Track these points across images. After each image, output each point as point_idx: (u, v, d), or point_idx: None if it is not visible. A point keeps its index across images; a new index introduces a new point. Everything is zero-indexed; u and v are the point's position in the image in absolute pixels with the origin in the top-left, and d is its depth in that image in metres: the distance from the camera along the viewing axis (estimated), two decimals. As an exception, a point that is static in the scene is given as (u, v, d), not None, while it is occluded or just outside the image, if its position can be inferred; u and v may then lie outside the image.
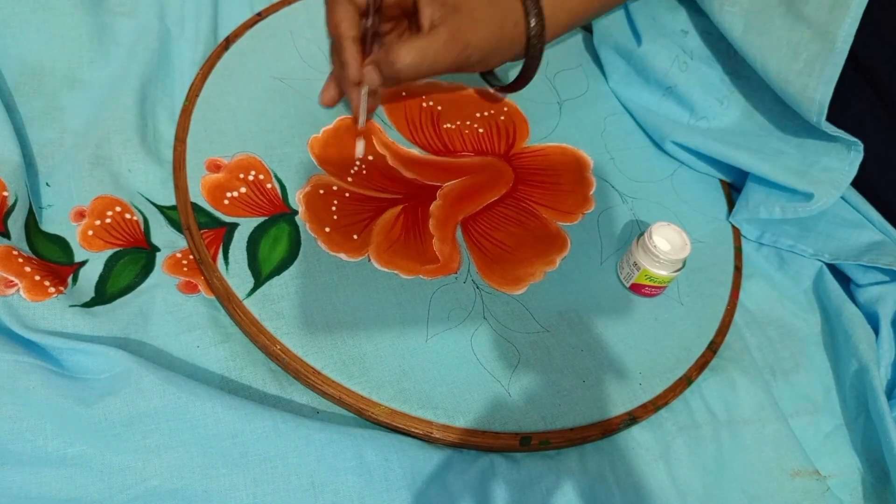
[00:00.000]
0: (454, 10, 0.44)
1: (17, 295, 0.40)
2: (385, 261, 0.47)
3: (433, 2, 0.44)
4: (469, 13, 0.44)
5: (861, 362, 0.49)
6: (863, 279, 0.54)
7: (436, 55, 0.43)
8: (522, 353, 0.46)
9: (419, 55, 0.43)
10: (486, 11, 0.45)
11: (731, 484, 0.45)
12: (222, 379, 0.41)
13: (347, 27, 0.43)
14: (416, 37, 0.43)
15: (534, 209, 0.54)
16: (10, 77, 0.48)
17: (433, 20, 0.44)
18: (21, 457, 0.35)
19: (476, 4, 0.44)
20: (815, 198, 0.52)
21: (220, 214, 0.46)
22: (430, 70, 0.44)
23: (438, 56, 0.43)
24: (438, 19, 0.44)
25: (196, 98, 0.51)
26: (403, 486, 0.38)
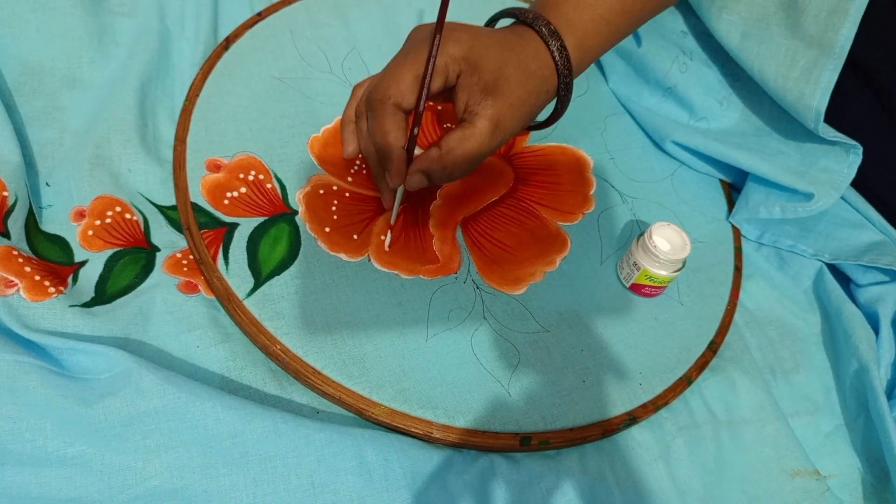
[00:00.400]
0: (493, 97, 0.43)
1: (17, 295, 0.40)
2: (385, 261, 0.47)
3: (471, 88, 0.42)
4: (508, 98, 0.43)
5: (861, 362, 0.49)
6: (863, 279, 0.54)
7: (482, 153, 0.43)
8: (522, 353, 0.46)
9: (468, 158, 0.43)
10: (524, 91, 0.44)
11: (731, 484, 0.45)
12: (222, 379, 0.41)
13: (397, 137, 0.42)
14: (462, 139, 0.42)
15: (534, 209, 0.54)
16: (10, 77, 0.48)
17: (470, 107, 0.43)
18: (21, 457, 0.35)
19: (514, 86, 0.43)
20: (816, 198, 0.52)
21: (220, 214, 0.46)
22: (478, 164, 0.45)
23: (484, 150, 0.43)
24: (477, 106, 0.43)
25: (196, 98, 0.51)
26: (403, 486, 0.38)
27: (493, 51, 0.42)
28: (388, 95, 0.41)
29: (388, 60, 0.57)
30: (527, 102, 0.44)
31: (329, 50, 0.57)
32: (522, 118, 0.45)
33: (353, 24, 0.59)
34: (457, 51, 0.41)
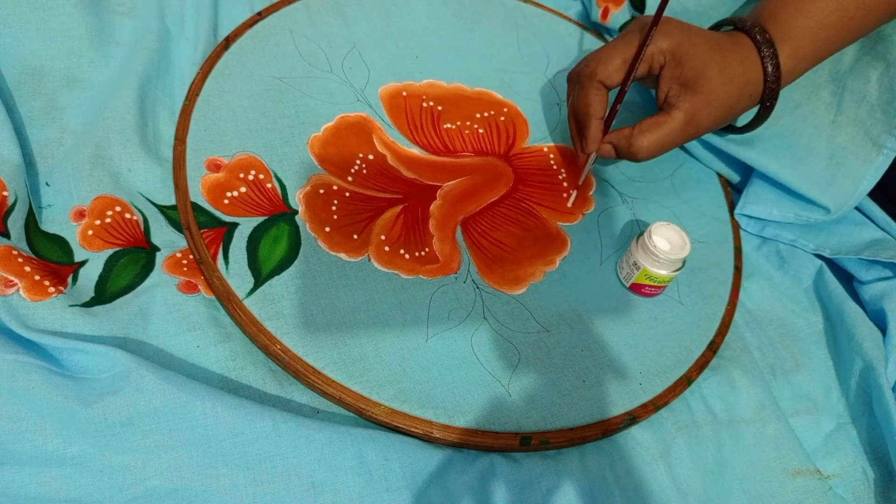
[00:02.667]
0: (692, 91, 0.46)
1: (17, 295, 0.40)
2: (385, 261, 0.47)
3: (673, 80, 0.46)
4: (707, 96, 0.45)
5: (866, 361, 0.49)
6: (866, 276, 0.53)
7: (671, 141, 0.47)
8: (522, 352, 0.46)
9: (656, 144, 0.47)
10: (724, 91, 0.46)
11: (731, 484, 0.45)
12: (222, 379, 0.41)
13: (597, 108, 0.48)
14: (655, 126, 0.47)
15: (534, 209, 0.54)
16: (10, 77, 0.48)
17: (669, 98, 0.47)
18: (21, 457, 0.35)
19: (714, 85, 0.45)
20: (832, 212, 0.53)
21: (220, 214, 0.46)
22: (664, 151, 0.48)
23: (674, 141, 0.47)
24: (675, 98, 0.46)
25: (196, 97, 0.51)
26: (403, 486, 0.38)
27: (700, 49, 0.45)
28: (596, 72, 0.47)
29: (388, 60, 0.58)
30: (725, 103, 0.46)
31: (329, 49, 0.57)
32: (718, 117, 0.47)
33: (353, 23, 0.59)
34: (665, 44, 0.46)
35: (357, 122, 0.54)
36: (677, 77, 0.46)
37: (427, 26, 0.62)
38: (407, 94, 0.57)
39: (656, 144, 0.47)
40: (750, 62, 0.46)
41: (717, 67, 0.45)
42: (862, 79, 0.52)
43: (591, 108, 0.48)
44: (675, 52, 0.45)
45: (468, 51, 0.62)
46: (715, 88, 0.45)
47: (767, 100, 0.48)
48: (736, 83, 0.46)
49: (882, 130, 0.52)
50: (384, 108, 0.55)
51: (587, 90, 0.48)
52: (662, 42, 0.46)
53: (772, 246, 0.58)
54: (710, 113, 0.46)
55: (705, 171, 0.62)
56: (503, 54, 0.63)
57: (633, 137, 0.47)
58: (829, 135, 0.54)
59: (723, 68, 0.45)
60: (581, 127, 0.50)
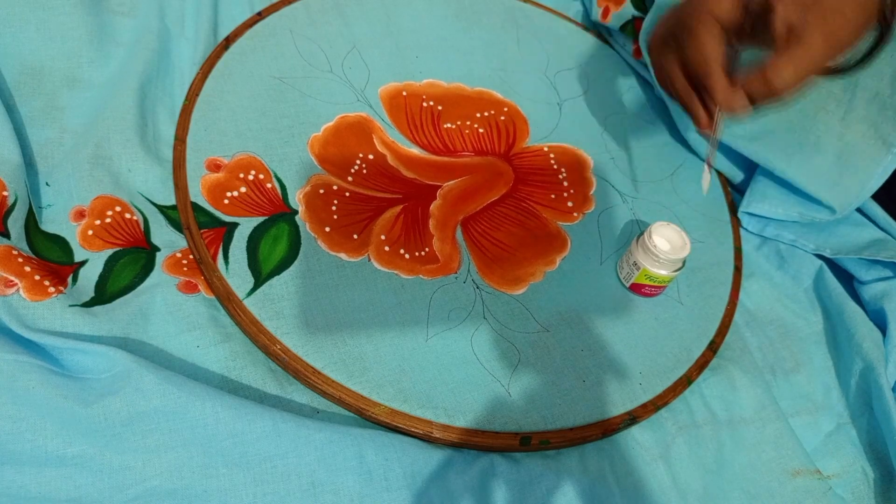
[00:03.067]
0: (815, 4, 0.38)
1: (17, 294, 0.40)
2: (385, 261, 0.47)
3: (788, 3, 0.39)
4: (834, 6, 0.38)
5: (866, 361, 0.49)
6: (866, 276, 0.53)
7: (815, 62, 0.39)
8: (522, 352, 0.46)
9: (798, 68, 0.39)
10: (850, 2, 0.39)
11: (731, 484, 0.45)
12: (222, 379, 0.41)
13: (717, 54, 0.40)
14: (790, 53, 0.39)
15: (534, 209, 0.54)
16: (10, 77, 0.48)
17: (790, 22, 0.39)
18: (21, 457, 0.35)
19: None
20: (838, 212, 0.53)
21: (220, 214, 0.46)
22: (806, 81, 0.40)
23: (816, 64, 0.39)
24: (798, 20, 0.39)
25: (196, 97, 0.51)
26: (403, 486, 0.38)
27: None
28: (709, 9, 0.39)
29: (388, 59, 0.58)
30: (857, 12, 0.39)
31: (329, 49, 0.57)
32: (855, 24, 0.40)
33: (353, 23, 0.59)
34: None
35: (357, 122, 0.54)
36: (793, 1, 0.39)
37: (427, 26, 0.62)
38: (407, 94, 0.57)
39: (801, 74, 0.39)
40: None
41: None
42: (876, 76, 0.50)
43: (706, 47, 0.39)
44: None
45: (468, 50, 0.62)
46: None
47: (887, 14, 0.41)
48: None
49: (893, 129, 0.50)
50: (384, 107, 0.55)
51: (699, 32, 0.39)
52: None
53: (772, 246, 0.58)
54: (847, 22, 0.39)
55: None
56: (503, 54, 0.63)
57: (770, 72, 0.38)
58: (838, 132, 0.52)
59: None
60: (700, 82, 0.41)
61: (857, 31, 0.41)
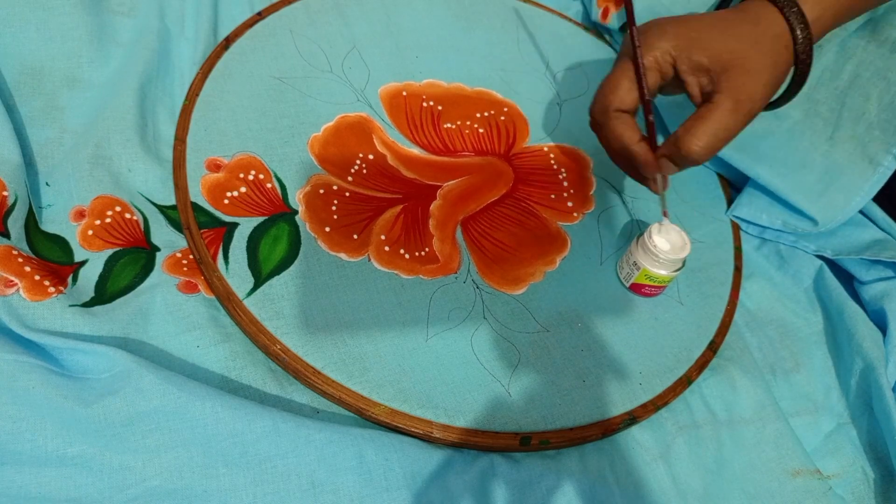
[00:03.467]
0: (725, 71, 0.41)
1: (17, 295, 0.40)
2: (385, 261, 0.47)
3: (695, 72, 0.42)
4: (741, 67, 0.41)
5: (866, 361, 0.49)
6: (866, 276, 0.53)
7: (726, 129, 0.41)
8: (522, 352, 0.46)
9: (710, 139, 0.41)
10: (756, 54, 0.41)
11: (731, 484, 0.45)
12: (222, 379, 0.41)
13: (631, 136, 0.44)
14: (699, 120, 0.41)
15: (534, 209, 0.54)
16: (10, 77, 0.48)
17: (704, 89, 0.42)
18: (21, 457, 0.35)
19: (745, 53, 0.41)
20: (820, 225, 0.53)
21: (220, 214, 0.46)
22: (723, 144, 0.42)
23: (729, 129, 0.41)
24: (709, 86, 0.42)
25: (196, 97, 0.51)
26: (403, 486, 0.38)
27: (704, 31, 0.42)
28: (609, 104, 0.44)
29: (388, 59, 0.58)
30: (767, 64, 0.41)
31: (329, 49, 0.57)
32: (767, 83, 0.42)
33: (353, 23, 0.59)
34: (664, 43, 0.42)
35: (357, 122, 0.54)
36: (697, 67, 0.42)
37: (427, 26, 0.62)
38: (407, 94, 0.57)
39: (711, 138, 0.41)
40: (768, 19, 0.42)
41: (734, 38, 0.41)
42: (862, 96, 0.51)
43: (623, 138, 0.44)
44: (678, 45, 0.42)
45: (468, 51, 0.62)
46: (746, 56, 0.41)
47: (801, 53, 0.43)
48: (763, 42, 0.42)
49: (879, 148, 0.51)
50: (384, 107, 0.55)
51: (611, 125, 0.44)
52: (661, 43, 0.42)
53: (772, 246, 0.58)
54: (756, 84, 0.41)
55: (705, 171, 0.62)
56: (503, 54, 0.63)
57: (680, 140, 0.42)
58: (825, 150, 0.54)
59: (739, 36, 0.41)
60: (630, 159, 0.45)
61: (770, 87, 0.42)
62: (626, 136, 0.44)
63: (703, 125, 0.41)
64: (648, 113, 0.45)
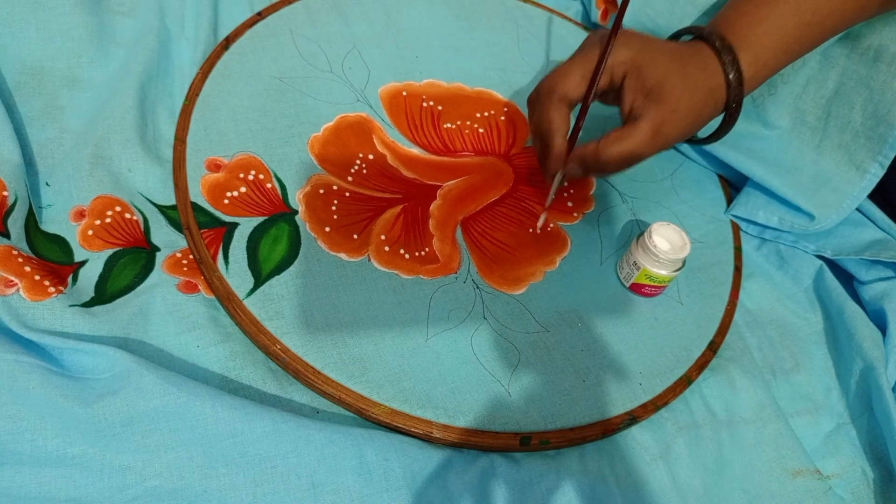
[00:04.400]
0: (657, 102, 0.44)
1: (17, 294, 0.40)
2: (385, 261, 0.47)
3: (636, 91, 0.44)
4: (672, 105, 0.44)
5: (866, 361, 0.49)
6: (866, 276, 0.54)
7: (640, 152, 0.44)
8: (522, 352, 0.46)
9: (625, 156, 0.44)
10: (688, 99, 0.44)
11: (731, 484, 0.45)
12: (222, 379, 0.41)
13: (560, 125, 0.46)
14: (621, 139, 0.44)
15: (534, 209, 0.54)
16: (10, 77, 0.48)
17: (634, 110, 0.45)
18: (21, 457, 0.35)
19: (678, 94, 0.44)
20: (816, 220, 0.53)
21: (220, 214, 0.46)
22: (632, 165, 0.46)
23: (642, 152, 0.44)
24: (640, 108, 0.44)
25: (196, 97, 0.51)
26: (403, 486, 0.38)
27: (660, 58, 0.44)
28: (556, 88, 0.45)
29: (388, 59, 0.58)
30: (692, 111, 0.45)
31: (329, 49, 0.57)
32: (685, 126, 0.45)
33: (353, 23, 0.59)
34: (625, 54, 0.44)
35: (357, 122, 0.54)
36: (640, 88, 0.44)
37: (427, 26, 0.62)
38: (407, 94, 0.57)
39: (624, 157, 0.44)
40: (711, 70, 0.46)
41: (680, 76, 0.44)
42: (846, 105, 0.52)
43: (553, 125, 0.45)
44: (635, 61, 0.44)
45: (468, 51, 0.62)
46: (679, 97, 0.44)
47: (732, 106, 0.47)
48: (700, 91, 0.45)
49: (866, 156, 0.52)
50: (384, 107, 0.55)
51: (547, 108, 0.46)
52: (622, 52, 0.44)
53: (772, 246, 0.58)
54: (677, 122, 0.45)
55: (705, 171, 0.62)
56: (503, 54, 0.63)
57: (600, 151, 0.44)
58: (813, 158, 0.55)
59: (685, 77, 0.44)
60: (545, 147, 0.47)
61: (686, 131, 0.46)
62: (556, 124, 0.46)
63: (623, 143, 0.44)
64: (582, 115, 0.46)
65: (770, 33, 0.46)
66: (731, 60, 0.45)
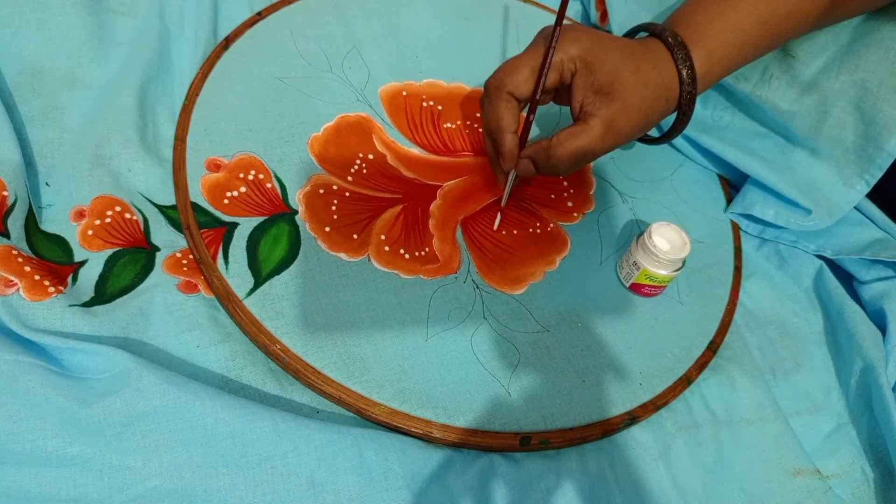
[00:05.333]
0: (608, 99, 0.43)
1: (17, 294, 0.40)
2: (385, 261, 0.47)
3: (586, 88, 0.44)
4: (623, 101, 0.43)
5: (866, 361, 0.49)
6: (866, 275, 0.54)
7: (592, 150, 0.44)
8: (522, 352, 0.46)
9: (576, 154, 0.44)
10: (640, 96, 0.44)
11: (731, 484, 0.45)
12: (222, 379, 0.41)
13: (509, 122, 0.45)
14: (572, 136, 0.44)
15: (534, 209, 0.54)
16: (10, 77, 0.48)
17: (585, 107, 0.44)
18: (21, 457, 0.35)
19: (629, 90, 0.43)
20: (813, 215, 0.54)
21: (219, 214, 0.46)
22: (585, 163, 0.46)
23: (595, 150, 0.44)
24: (591, 107, 0.44)
25: (196, 97, 0.51)
26: (403, 486, 0.38)
27: (611, 54, 0.44)
28: (504, 84, 0.44)
29: (388, 59, 0.58)
30: (643, 108, 0.44)
31: (329, 49, 0.57)
32: (637, 123, 0.45)
33: (353, 23, 0.59)
34: (574, 50, 0.43)
35: (357, 122, 0.54)
36: (590, 84, 0.44)
37: (427, 26, 0.62)
38: (407, 94, 0.57)
39: (576, 155, 0.44)
40: (664, 66, 0.45)
41: (631, 72, 0.43)
42: (838, 125, 0.53)
43: (502, 122, 0.45)
44: (585, 58, 0.43)
45: (468, 50, 0.62)
46: (631, 93, 0.43)
47: (684, 105, 0.46)
48: (651, 87, 0.44)
49: (853, 172, 0.53)
50: (384, 107, 0.55)
51: (496, 104, 0.45)
52: (571, 48, 0.43)
53: (772, 246, 0.58)
54: (629, 119, 0.44)
55: (705, 171, 0.62)
56: (503, 54, 0.63)
57: (552, 149, 0.44)
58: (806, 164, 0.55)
59: (636, 73, 0.44)
60: (495, 144, 0.46)
61: (637, 129, 0.45)
62: (505, 121, 0.45)
63: (575, 141, 0.44)
64: (531, 112, 0.46)
65: (726, 30, 0.46)
66: (683, 56, 0.45)
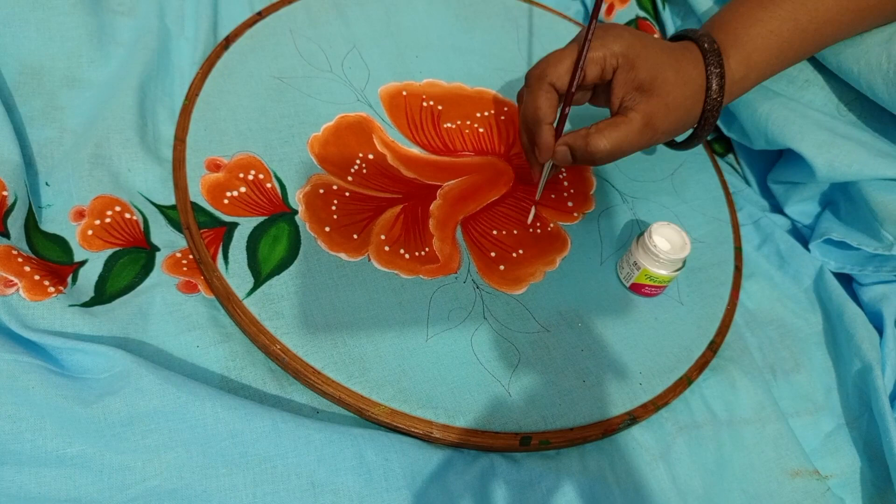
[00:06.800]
0: (648, 95, 0.44)
1: (17, 294, 0.40)
2: (385, 261, 0.47)
3: (627, 84, 0.44)
4: (663, 98, 0.44)
5: (864, 362, 0.49)
6: (866, 278, 0.54)
7: (630, 143, 0.44)
8: (522, 352, 0.46)
9: (614, 144, 0.44)
10: (680, 94, 0.44)
11: (731, 484, 0.45)
12: (222, 379, 0.41)
13: (547, 113, 0.46)
14: (611, 126, 0.44)
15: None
16: (10, 76, 0.48)
17: (625, 102, 0.45)
18: (21, 457, 0.35)
19: (670, 88, 0.44)
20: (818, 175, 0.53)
21: (219, 214, 0.46)
22: (622, 155, 0.45)
23: (632, 143, 0.44)
24: (630, 102, 0.45)
25: (196, 97, 0.51)
26: (403, 486, 0.38)
27: (652, 52, 0.44)
28: (546, 74, 0.45)
29: (388, 59, 0.58)
30: (682, 105, 0.45)
31: (329, 49, 0.57)
32: (676, 121, 0.45)
33: (353, 22, 0.59)
34: (617, 47, 0.44)
35: (357, 122, 0.54)
36: (631, 81, 0.44)
37: (427, 26, 0.62)
38: (407, 94, 0.57)
39: (614, 146, 0.44)
40: (703, 68, 0.46)
41: (672, 70, 0.44)
42: None
43: (540, 111, 0.45)
44: (627, 54, 0.44)
45: (468, 50, 0.62)
46: (671, 91, 0.44)
47: (708, 112, 0.47)
48: (692, 86, 0.45)
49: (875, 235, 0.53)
50: (384, 107, 0.55)
51: (536, 94, 0.45)
52: (615, 45, 0.44)
53: (772, 246, 0.58)
54: (668, 116, 0.45)
55: (706, 172, 0.62)
56: (503, 54, 0.63)
57: (590, 137, 0.44)
58: None
59: (678, 71, 0.44)
60: (532, 135, 0.47)
61: (675, 127, 0.46)
62: (543, 110, 0.45)
63: (614, 131, 0.44)
64: (567, 105, 0.46)
65: (764, 35, 0.46)
66: (715, 63, 0.45)
